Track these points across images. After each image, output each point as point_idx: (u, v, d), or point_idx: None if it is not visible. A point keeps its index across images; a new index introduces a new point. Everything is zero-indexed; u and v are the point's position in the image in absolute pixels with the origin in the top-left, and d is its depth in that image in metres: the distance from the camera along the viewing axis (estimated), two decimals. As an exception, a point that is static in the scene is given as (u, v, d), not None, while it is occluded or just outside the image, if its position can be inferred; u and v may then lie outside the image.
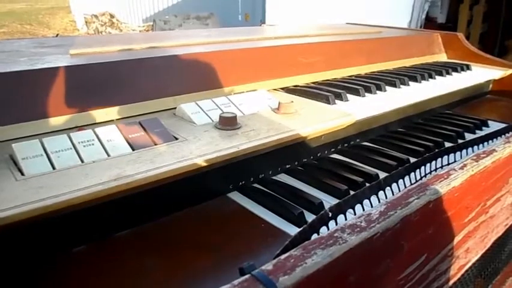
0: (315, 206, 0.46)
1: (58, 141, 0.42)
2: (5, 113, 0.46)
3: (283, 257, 0.27)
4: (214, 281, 0.35)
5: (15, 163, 0.39)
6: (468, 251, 0.49)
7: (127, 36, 0.96)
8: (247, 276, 0.25)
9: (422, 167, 0.48)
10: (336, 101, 0.66)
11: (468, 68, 0.99)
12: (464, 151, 0.54)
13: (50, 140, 0.42)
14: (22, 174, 0.38)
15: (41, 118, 0.48)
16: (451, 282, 0.48)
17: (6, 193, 0.34)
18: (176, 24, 4.48)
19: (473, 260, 0.51)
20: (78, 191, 0.35)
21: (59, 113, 0.49)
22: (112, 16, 5.94)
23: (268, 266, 0.26)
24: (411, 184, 0.51)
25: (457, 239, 0.45)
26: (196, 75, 0.63)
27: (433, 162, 0.50)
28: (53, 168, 0.39)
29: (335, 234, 0.29)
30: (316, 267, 0.26)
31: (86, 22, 6.15)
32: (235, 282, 0.24)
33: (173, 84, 0.60)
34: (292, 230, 0.42)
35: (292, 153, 0.55)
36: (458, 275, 0.49)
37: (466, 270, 0.51)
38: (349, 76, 0.85)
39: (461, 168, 0.41)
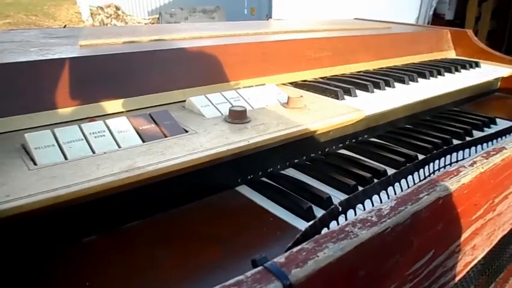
0: (324, 201, 0.46)
1: (70, 131, 0.42)
2: (17, 103, 0.46)
3: (295, 249, 0.27)
4: (224, 273, 0.36)
5: (28, 153, 0.40)
6: (474, 248, 0.49)
7: (135, 29, 0.96)
8: (259, 268, 0.25)
9: (431, 164, 0.48)
10: (345, 96, 0.66)
11: (477, 65, 0.99)
12: (473, 148, 0.54)
13: (62, 130, 0.42)
14: (35, 163, 0.38)
15: (52, 109, 0.48)
16: (457, 279, 0.48)
17: (19, 182, 0.34)
18: (182, 17, 4.47)
19: (479, 257, 0.51)
20: (90, 181, 0.35)
21: (70, 104, 0.49)
22: (117, 8, 5.94)
23: (281, 259, 0.26)
24: (420, 180, 0.51)
25: (464, 236, 0.45)
26: (205, 69, 0.63)
27: (442, 159, 0.50)
28: (65, 158, 0.39)
29: (346, 229, 0.30)
30: (328, 260, 0.26)
31: (91, 14, 6.15)
32: (248, 273, 0.24)
33: (182, 77, 0.60)
34: (301, 224, 0.43)
35: (301, 148, 0.55)
36: (464, 272, 0.49)
37: (472, 267, 0.51)
38: (357, 72, 0.85)
39: (471, 165, 0.41)
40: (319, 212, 0.45)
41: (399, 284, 0.36)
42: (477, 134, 0.71)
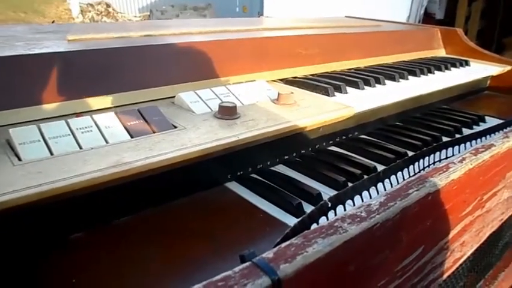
0: (314, 197, 0.46)
1: (56, 127, 0.41)
2: (2, 98, 0.45)
3: (283, 245, 0.27)
4: (213, 269, 0.35)
5: (12, 148, 0.39)
6: (463, 245, 0.49)
7: (125, 25, 0.95)
8: (248, 263, 0.25)
9: (421, 160, 0.49)
10: (336, 93, 0.66)
11: (467, 63, 0.99)
12: (462, 145, 0.54)
13: (48, 125, 0.41)
14: (19, 159, 0.37)
15: (38, 104, 0.47)
16: (445, 275, 0.48)
17: (4, 178, 0.34)
18: (173, 14, 4.45)
19: (468, 253, 0.51)
20: (76, 177, 0.35)
21: (57, 99, 0.48)
22: (108, 5, 5.88)
23: (269, 254, 0.26)
24: (410, 177, 0.51)
25: (453, 232, 0.45)
26: (195, 64, 0.63)
27: (431, 156, 0.50)
28: (51, 154, 0.38)
29: (335, 224, 0.29)
30: (317, 255, 0.26)
31: (81, 11, 6.08)
32: (236, 269, 0.24)
33: (171, 73, 0.59)
34: (291, 221, 0.43)
35: (291, 144, 0.55)
36: (453, 268, 0.49)
37: (461, 264, 0.51)
38: (348, 69, 0.85)
39: (460, 161, 0.42)
40: (309, 208, 0.44)
41: (388, 280, 0.36)
42: (466, 131, 0.72)
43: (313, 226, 0.35)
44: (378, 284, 0.35)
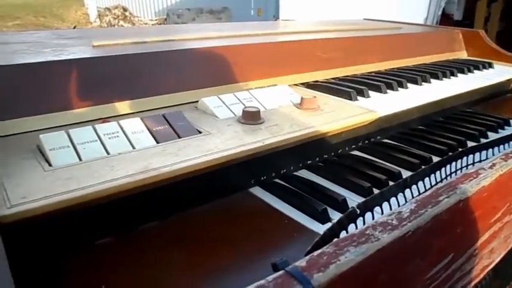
0: (339, 203, 0.45)
1: (84, 132, 0.42)
2: (32, 104, 0.46)
3: (316, 253, 0.26)
4: (239, 275, 0.35)
5: (43, 154, 0.39)
6: (492, 252, 0.48)
7: (146, 30, 0.96)
8: (281, 272, 0.25)
9: (448, 166, 0.48)
10: (358, 97, 0.65)
11: (490, 65, 0.97)
12: (490, 150, 0.53)
13: (76, 131, 0.42)
14: (50, 165, 0.38)
15: (66, 109, 0.48)
16: (473, 283, 0.47)
17: (35, 183, 0.34)
18: (189, 18, 4.48)
19: (496, 260, 0.50)
20: (105, 183, 0.35)
21: (84, 105, 0.49)
22: (124, 9, 5.97)
23: (302, 263, 0.25)
24: (436, 183, 0.50)
25: (482, 239, 0.44)
26: (216, 69, 0.63)
27: (458, 161, 0.49)
28: (80, 159, 0.39)
29: (367, 232, 0.29)
30: (350, 264, 0.26)
31: (99, 15, 6.19)
32: (270, 278, 0.24)
33: (194, 78, 0.59)
34: (316, 227, 0.42)
35: (314, 149, 0.55)
36: (481, 276, 0.48)
37: (489, 271, 0.50)
38: (369, 72, 0.85)
39: (490, 167, 0.41)
40: (334, 214, 0.44)
41: (418, 288, 0.35)
42: (492, 135, 0.70)
43: (343, 233, 0.34)
44: (407, 293, 0.34)
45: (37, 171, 0.36)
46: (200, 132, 0.47)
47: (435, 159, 0.55)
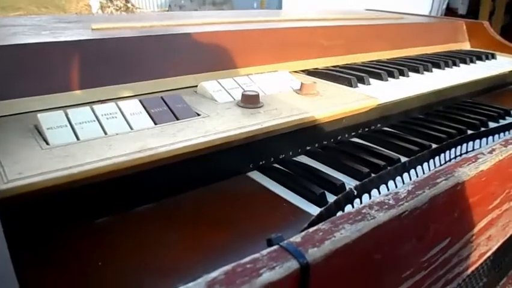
0: (337, 187, 0.45)
1: (82, 113, 0.42)
2: (30, 85, 0.46)
3: (311, 230, 0.26)
4: (235, 254, 0.35)
5: (40, 133, 0.39)
6: (490, 239, 0.48)
7: (147, 16, 0.96)
8: (275, 247, 0.25)
9: (447, 152, 0.47)
10: (359, 84, 0.65)
11: (493, 56, 0.97)
12: (490, 137, 0.53)
13: (74, 111, 0.42)
14: (47, 143, 0.38)
15: (64, 91, 0.48)
16: (470, 270, 0.47)
17: (32, 161, 0.34)
18: (191, 9, 4.47)
19: (494, 248, 0.50)
20: (103, 160, 0.35)
21: (82, 87, 0.49)
22: (127, 1, 5.95)
23: (297, 238, 0.25)
24: (435, 168, 0.50)
25: (479, 226, 0.44)
26: (216, 54, 0.63)
27: (458, 148, 0.49)
28: (77, 138, 0.39)
29: (363, 211, 0.29)
30: (345, 241, 0.26)
31: (101, 7, 6.16)
32: (264, 252, 0.24)
33: (193, 62, 0.59)
34: (314, 210, 0.42)
35: (313, 135, 0.55)
36: (479, 263, 0.48)
37: (486, 258, 0.50)
38: (370, 61, 0.84)
39: (490, 152, 0.41)
40: (332, 199, 0.44)
41: (414, 271, 0.35)
42: (493, 125, 0.70)
43: (339, 214, 0.34)
44: (403, 275, 0.34)
45: (34, 149, 0.36)
46: (199, 115, 0.46)
47: (436, 147, 0.54)
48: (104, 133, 0.40)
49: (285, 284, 0.23)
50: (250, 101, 0.49)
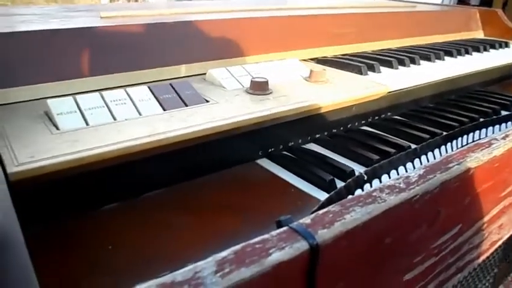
0: (347, 174, 0.45)
1: (91, 99, 0.42)
2: (39, 72, 0.46)
3: (321, 212, 0.26)
4: (244, 238, 0.35)
5: (50, 119, 0.40)
6: (501, 228, 0.47)
7: (156, 4, 0.96)
8: (285, 228, 0.24)
9: (459, 138, 0.47)
10: (369, 72, 0.64)
11: (507, 45, 0.95)
12: (503, 125, 0.52)
13: (84, 97, 0.42)
14: (57, 128, 0.38)
15: (73, 78, 0.48)
16: (481, 258, 0.46)
17: (43, 145, 0.34)
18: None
19: (505, 237, 0.49)
20: (112, 145, 0.35)
21: (91, 74, 0.49)
22: (136, -6, 5.94)
23: (306, 220, 0.25)
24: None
25: (491, 213, 0.43)
26: (225, 42, 0.62)
27: (470, 135, 0.48)
28: (87, 124, 0.39)
29: (374, 194, 0.29)
30: (355, 223, 0.25)
31: (110, 0, 6.17)
32: (274, 233, 0.24)
33: (202, 50, 0.59)
34: (323, 196, 0.42)
35: (323, 122, 0.54)
36: (490, 251, 0.48)
37: (497, 248, 0.50)
38: (381, 49, 0.83)
39: (503, 138, 0.40)
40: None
41: (425, 256, 0.35)
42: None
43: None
44: (414, 260, 0.34)
45: (45, 134, 0.37)
46: (207, 101, 0.46)
47: (447, 133, 0.54)
48: (113, 119, 0.40)
49: (295, 264, 0.23)
50: (259, 88, 0.49)
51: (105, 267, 0.31)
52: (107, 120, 0.40)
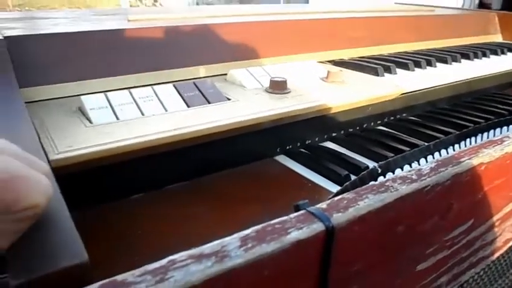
0: (361, 170, 0.46)
1: (121, 95, 0.45)
2: (73, 71, 0.49)
3: (336, 198, 0.28)
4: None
5: (84, 113, 0.43)
6: (516, 226, 0.48)
7: (179, 9, 0.99)
8: (302, 211, 0.26)
9: (473, 137, 0.48)
10: (385, 73, 0.65)
11: (525, 48, 0.95)
12: (518, 125, 0.53)
13: (114, 94, 0.45)
14: (90, 122, 0.41)
15: (103, 77, 0.51)
16: (495, 255, 0.47)
17: (78, 137, 0.37)
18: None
19: (521, 237, 0.50)
20: (140, 137, 0.38)
21: (120, 73, 0.52)
22: (155, 0, 6.05)
23: (323, 205, 0.27)
24: (460, 151, 0.50)
25: (504, 211, 0.44)
26: (246, 44, 0.65)
27: (485, 134, 0.49)
28: (117, 118, 0.42)
29: (386, 183, 0.30)
30: (368, 209, 0.27)
31: (130, 5, 6.30)
32: (292, 215, 0.26)
33: (223, 52, 0.61)
34: (338, 190, 0.43)
35: (339, 121, 0.56)
36: (504, 249, 0.48)
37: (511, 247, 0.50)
38: (397, 52, 0.84)
39: (516, 135, 0.41)
40: (357, 181, 0.45)
41: (437, 248, 0.36)
42: (522, 116, 0.69)
43: (363, 188, 0.36)
44: (427, 251, 0.35)
45: (79, 127, 0.40)
46: (229, 99, 0.49)
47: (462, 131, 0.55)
48: (142, 114, 0.43)
49: (312, 244, 0.25)
50: (278, 87, 0.51)
51: (137, 248, 0.34)
52: (136, 115, 0.43)
